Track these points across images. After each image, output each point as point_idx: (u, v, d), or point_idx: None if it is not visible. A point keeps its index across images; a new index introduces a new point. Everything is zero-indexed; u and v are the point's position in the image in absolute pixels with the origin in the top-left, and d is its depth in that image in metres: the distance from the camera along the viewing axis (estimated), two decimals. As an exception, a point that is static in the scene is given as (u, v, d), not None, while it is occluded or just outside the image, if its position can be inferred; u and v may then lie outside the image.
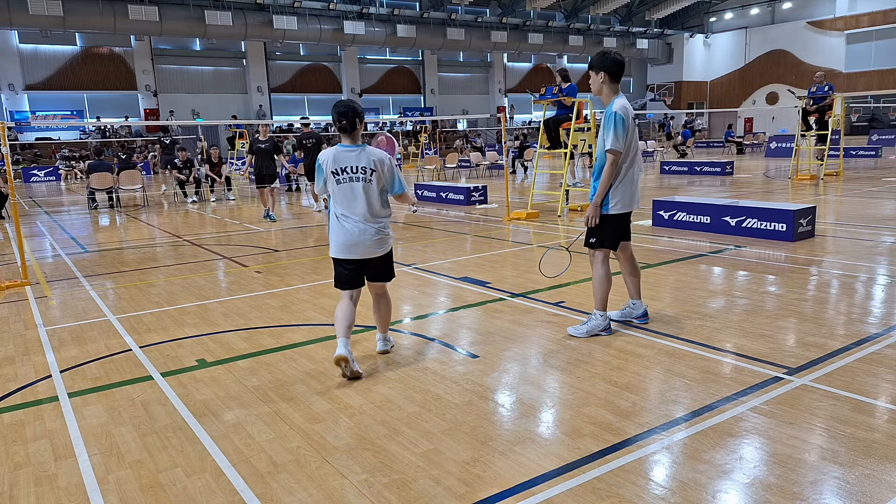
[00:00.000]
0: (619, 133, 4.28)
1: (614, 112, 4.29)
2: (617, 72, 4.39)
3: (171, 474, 2.97)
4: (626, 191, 4.45)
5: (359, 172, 4.05)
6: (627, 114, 4.33)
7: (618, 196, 4.43)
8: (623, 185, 4.43)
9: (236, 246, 9.46)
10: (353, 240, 4.08)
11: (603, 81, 4.38)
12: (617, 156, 4.32)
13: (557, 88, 11.72)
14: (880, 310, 5.08)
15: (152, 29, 30.52)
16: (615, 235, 4.55)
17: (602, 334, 4.63)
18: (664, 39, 48.13)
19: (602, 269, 4.58)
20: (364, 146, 4.16)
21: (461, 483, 2.78)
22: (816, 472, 2.75)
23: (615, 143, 4.28)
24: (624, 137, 4.30)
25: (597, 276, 4.61)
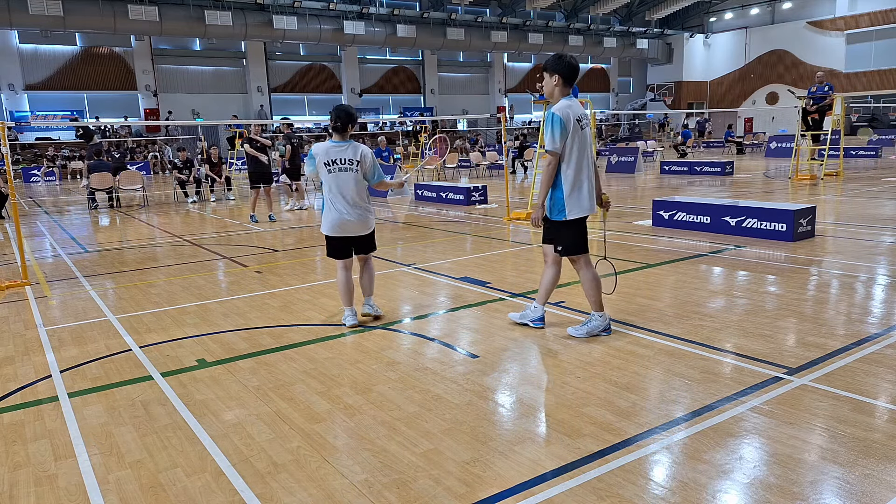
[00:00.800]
0: (555, 134, 4.27)
1: (552, 112, 4.29)
2: (570, 76, 4.40)
3: (171, 474, 2.97)
4: (581, 195, 4.40)
5: (346, 164, 4.95)
6: (567, 115, 4.29)
7: (571, 201, 4.39)
8: (576, 189, 4.38)
9: (236, 246, 9.46)
10: (343, 220, 4.98)
11: (556, 84, 4.38)
12: (553, 157, 4.31)
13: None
14: (880, 310, 5.08)
15: (152, 29, 30.52)
16: (580, 237, 4.52)
17: (602, 335, 4.63)
18: (664, 39, 48.13)
19: (588, 273, 4.59)
20: (351, 142, 5.03)
21: (461, 483, 2.78)
22: (816, 472, 2.75)
23: (551, 144, 4.30)
24: (561, 139, 4.28)
25: (585, 280, 4.61)
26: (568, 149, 4.33)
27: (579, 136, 4.34)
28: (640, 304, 5.42)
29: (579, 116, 4.36)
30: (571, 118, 4.30)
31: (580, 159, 4.36)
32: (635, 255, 7.49)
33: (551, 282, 4.77)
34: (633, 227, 9.70)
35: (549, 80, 4.41)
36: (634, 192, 14.87)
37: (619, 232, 9.27)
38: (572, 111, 4.32)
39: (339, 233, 5.02)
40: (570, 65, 4.39)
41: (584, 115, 4.42)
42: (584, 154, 4.38)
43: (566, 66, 4.37)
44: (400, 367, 4.20)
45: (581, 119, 4.38)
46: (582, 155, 4.37)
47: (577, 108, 4.37)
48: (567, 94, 4.43)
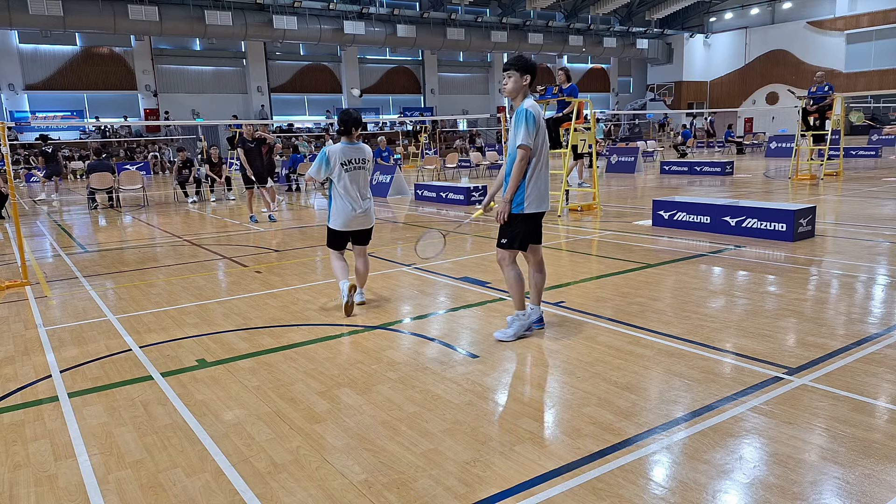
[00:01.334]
0: (529, 129, 4.34)
1: (525, 109, 4.36)
2: (535, 76, 4.54)
3: (171, 474, 2.97)
4: (538, 190, 4.45)
5: (360, 163, 5.55)
6: (538, 112, 4.40)
7: (531, 195, 4.43)
8: (535, 184, 4.44)
9: (236, 246, 9.46)
10: (355, 215, 5.54)
11: (526, 83, 4.45)
12: (527, 151, 4.36)
13: (557, 88, 11.73)
14: (880, 310, 5.08)
15: (152, 29, 30.51)
16: (526, 236, 4.54)
17: (535, 327, 4.72)
18: (664, 39, 48.12)
19: (513, 271, 4.60)
20: (360, 143, 5.60)
21: (461, 483, 2.78)
22: (816, 472, 2.75)
23: (526, 139, 4.33)
24: (534, 134, 4.36)
25: (508, 278, 4.63)
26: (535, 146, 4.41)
27: (542, 134, 4.44)
28: (640, 304, 5.42)
29: (542, 115, 4.50)
30: (540, 116, 4.42)
31: (540, 158, 4.44)
32: (635, 255, 7.49)
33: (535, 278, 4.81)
34: (633, 227, 9.70)
35: (520, 79, 4.45)
36: (634, 192, 14.87)
37: (619, 232, 9.27)
38: (537, 109, 4.44)
39: (350, 227, 5.58)
40: (536, 66, 4.56)
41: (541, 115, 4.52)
42: (543, 153, 4.48)
43: (534, 68, 4.50)
44: (400, 367, 4.20)
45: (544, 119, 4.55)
46: (542, 154, 4.46)
47: (538, 107, 4.51)
48: (527, 94, 4.53)
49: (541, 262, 4.81)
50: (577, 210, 11.74)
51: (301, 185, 19.35)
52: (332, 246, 5.72)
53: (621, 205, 12.51)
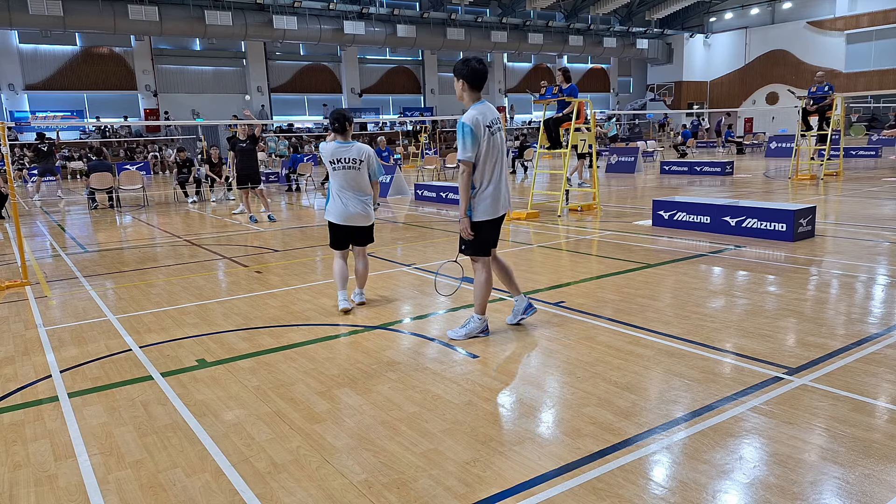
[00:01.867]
0: (466, 143, 4.30)
1: (462, 123, 4.32)
2: (476, 80, 4.38)
3: (171, 474, 2.97)
4: (487, 199, 4.44)
5: (350, 163, 5.47)
6: (477, 122, 4.31)
7: (481, 203, 4.44)
8: (485, 192, 4.43)
9: (236, 246, 9.46)
10: (346, 212, 5.53)
11: (463, 89, 4.42)
12: (466, 165, 4.35)
13: (557, 88, 11.73)
14: (880, 310, 5.08)
15: (152, 29, 30.49)
16: (484, 242, 4.57)
17: (480, 336, 4.72)
18: (664, 39, 48.10)
19: (483, 275, 4.64)
20: (354, 143, 5.55)
21: (461, 483, 2.78)
22: (816, 472, 2.75)
23: (463, 154, 4.34)
24: (473, 147, 4.32)
25: (478, 281, 4.67)
26: (480, 156, 4.38)
27: (489, 142, 4.37)
28: (640, 304, 5.42)
29: (489, 122, 4.38)
30: (481, 125, 4.33)
31: (486, 164, 4.40)
32: (635, 255, 7.49)
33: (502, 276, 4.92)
34: (633, 227, 9.70)
35: (457, 84, 4.44)
36: (634, 192, 14.87)
37: (619, 232, 9.27)
38: (482, 118, 4.35)
39: (343, 221, 5.56)
40: (474, 69, 4.36)
41: (494, 121, 4.43)
42: (491, 159, 4.42)
43: (470, 71, 4.35)
44: (400, 367, 4.20)
45: (492, 125, 4.40)
46: (489, 160, 4.41)
47: (488, 114, 4.41)
48: (478, 99, 4.47)
49: (497, 261, 4.86)
50: (577, 210, 11.74)
51: (301, 185, 19.35)
52: (333, 246, 5.74)
53: (621, 205, 12.51)
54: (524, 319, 5.01)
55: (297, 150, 23.27)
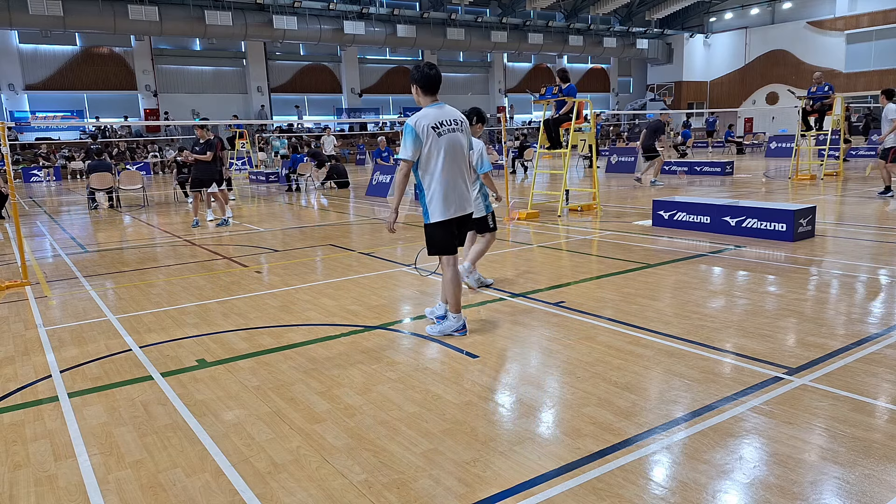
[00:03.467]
0: (407, 143, 4.43)
1: (406, 124, 4.46)
2: (427, 84, 4.50)
3: (171, 474, 2.97)
4: (439, 200, 4.52)
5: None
6: (420, 125, 4.41)
7: (432, 204, 4.54)
8: (431, 192, 4.52)
9: (236, 246, 9.46)
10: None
11: (417, 93, 4.57)
12: (405, 164, 4.46)
13: (557, 88, 11.73)
14: (880, 310, 5.08)
15: (152, 29, 30.49)
16: (444, 241, 4.63)
17: (455, 335, 4.76)
18: (664, 39, 48.09)
19: (448, 272, 4.71)
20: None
21: (461, 483, 2.78)
22: (816, 472, 2.75)
23: (402, 153, 4.47)
24: (413, 147, 4.42)
25: (444, 279, 4.76)
26: (424, 157, 4.48)
27: (436, 143, 4.45)
28: (640, 304, 5.42)
29: (436, 123, 4.46)
30: (425, 126, 4.42)
31: (430, 165, 4.49)
32: (635, 255, 7.49)
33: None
34: (633, 227, 9.70)
35: (413, 89, 4.59)
36: (634, 192, 14.87)
37: (619, 232, 9.27)
38: (427, 119, 4.44)
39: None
40: (425, 74, 4.49)
41: (445, 122, 4.50)
42: (435, 160, 4.48)
43: (422, 76, 4.49)
44: (400, 367, 4.20)
45: (439, 126, 4.47)
46: (432, 160, 4.48)
47: (438, 116, 4.49)
48: (434, 101, 4.57)
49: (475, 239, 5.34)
50: (578, 210, 11.74)
51: (301, 185, 19.35)
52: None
53: (621, 205, 12.51)
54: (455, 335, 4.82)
55: (296, 150, 23.27)
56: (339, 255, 8.33)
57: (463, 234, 4.89)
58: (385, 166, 16.97)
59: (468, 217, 4.79)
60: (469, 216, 4.80)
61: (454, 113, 4.63)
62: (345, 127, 39.43)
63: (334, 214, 13.06)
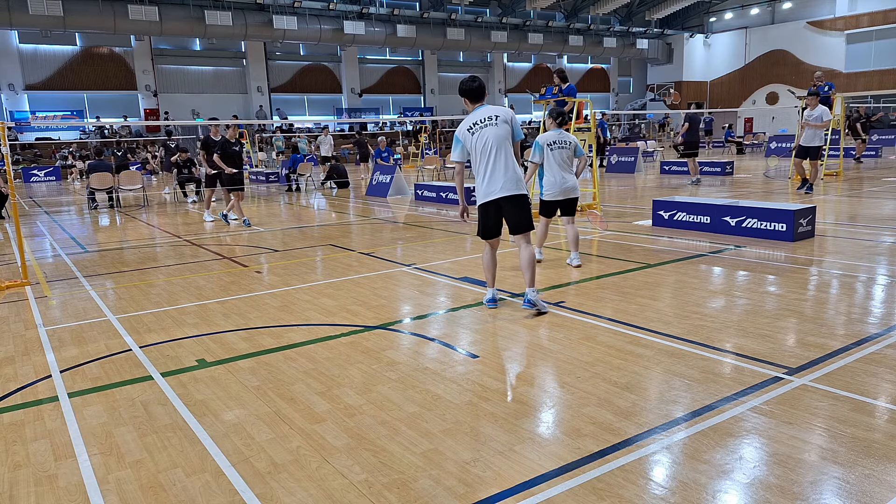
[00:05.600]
0: (455, 148, 5.31)
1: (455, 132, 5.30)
2: (469, 95, 5.26)
3: (171, 474, 2.97)
4: (480, 186, 5.23)
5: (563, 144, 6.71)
6: (460, 130, 5.23)
7: (479, 191, 5.25)
8: (478, 181, 5.24)
9: (236, 246, 9.46)
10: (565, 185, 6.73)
11: (465, 103, 5.32)
12: (457, 164, 5.34)
13: (557, 88, 11.72)
14: (880, 310, 5.08)
15: (152, 29, 30.49)
16: (483, 223, 5.32)
17: (488, 305, 5.49)
18: (664, 39, 48.10)
19: (484, 255, 5.53)
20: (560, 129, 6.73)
21: (461, 483, 2.78)
22: (816, 472, 2.75)
23: (452, 156, 5.35)
24: (459, 150, 5.27)
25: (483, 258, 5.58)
26: (469, 153, 5.24)
27: (472, 141, 5.17)
28: (640, 304, 5.42)
29: (470, 125, 5.18)
30: (463, 131, 5.21)
31: (476, 159, 5.20)
32: (635, 255, 7.49)
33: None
34: (633, 227, 9.70)
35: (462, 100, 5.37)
36: (634, 192, 14.87)
37: (619, 232, 9.27)
38: (465, 125, 5.22)
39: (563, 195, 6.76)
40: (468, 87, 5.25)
41: (477, 122, 5.16)
42: (475, 155, 5.19)
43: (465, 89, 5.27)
44: (400, 367, 4.20)
45: (472, 126, 5.17)
46: (476, 155, 5.19)
47: (472, 118, 5.20)
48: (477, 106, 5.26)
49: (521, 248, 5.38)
50: (578, 210, 11.71)
51: (301, 185, 19.35)
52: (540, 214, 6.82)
53: (621, 205, 12.50)
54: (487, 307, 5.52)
55: (296, 150, 23.27)
56: (339, 255, 8.33)
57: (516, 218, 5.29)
58: (385, 166, 16.97)
59: (510, 200, 5.19)
60: (511, 199, 5.19)
61: (491, 110, 5.21)
62: (345, 127, 39.44)
63: (334, 214, 13.07)
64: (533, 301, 5.21)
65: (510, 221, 5.27)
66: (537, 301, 5.24)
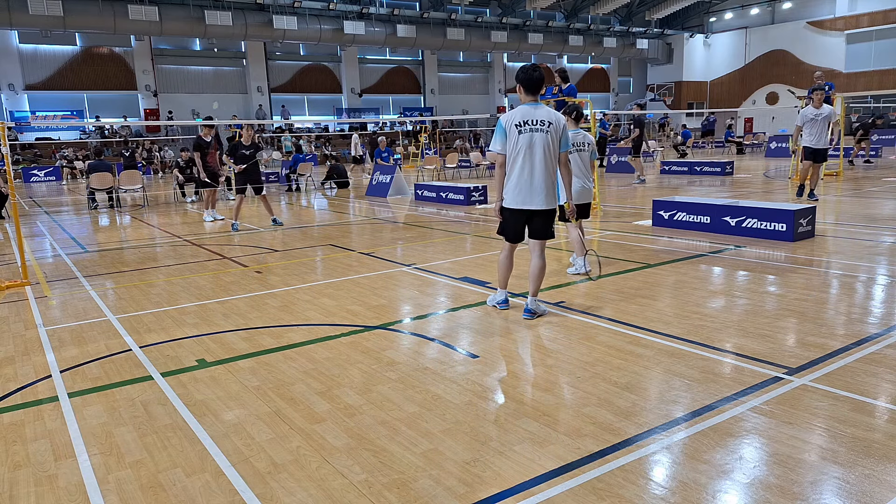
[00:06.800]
0: (496, 137, 4.96)
1: (498, 119, 4.98)
2: (528, 84, 4.92)
3: (171, 474, 2.97)
4: (512, 189, 4.98)
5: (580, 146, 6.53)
6: (507, 120, 4.92)
7: (506, 193, 5.02)
8: (509, 183, 4.99)
9: (236, 246, 9.46)
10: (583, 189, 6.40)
11: (519, 91, 5.02)
12: (498, 156, 4.97)
13: (557, 88, 11.73)
14: (880, 310, 5.08)
15: (152, 29, 30.48)
16: (509, 226, 5.11)
17: (499, 306, 5.42)
18: (664, 39, 48.09)
19: (501, 254, 5.32)
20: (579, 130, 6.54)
21: (461, 483, 2.78)
22: (816, 472, 2.75)
23: (493, 145, 5.01)
24: (499, 141, 4.94)
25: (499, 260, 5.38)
26: (509, 150, 4.94)
27: (516, 140, 4.89)
28: (640, 304, 5.42)
29: (520, 122, 4.88)
30: (510, 123, 4.90)
31: (515, 159, 4.92)
32: (635, 255, 7.49)
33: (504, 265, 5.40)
34: (633, 227, 9.70)
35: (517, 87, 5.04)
36: (634, 192, 14.87)
37: (619, 232, 9.27)
38: (513, 117, 4.92)
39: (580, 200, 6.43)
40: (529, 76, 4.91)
41: (530, 122, 4.86)
42: (513, 154, 4.92)
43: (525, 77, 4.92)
44: (400, 367, 4.20)
45: (522, 124, 4.88)
46: (511, 155, 4.93)
47: (524, 114, 4.90)
48: (531, 101, 4.94)
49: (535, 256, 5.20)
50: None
51: (301, 185, 19.35)
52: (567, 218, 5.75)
53: (621, 205, 12.50)
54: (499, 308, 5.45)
55: (299, 150, 23.27)
56: (339, 255, 8.33)
57: (540, 227, 5.09)
58: (385, 166, 16.97)
59: (542, 213, 5.02)
60: (539, 212, 5.01)
61: (546, 114, 4.90)
62: (345, 127, 39.44)
63: (334, 214, 13.06)
64: (533, 310, 5.16)
65: (532, 228, 5.10)
66: (537, 309, 5.19)
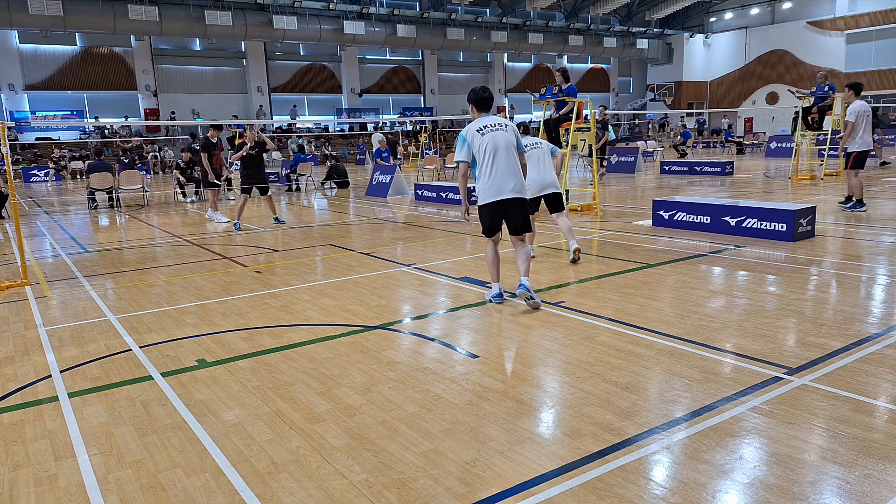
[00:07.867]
0: (461, 148, 5.41)
1: (460, 134, 5.43)
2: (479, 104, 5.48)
3: (171, 474, 2.97)
4: (485, 187, 5.37)
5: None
6: (468, 130, 5.38)
7: (480, 192, 5.41)
8: (482, 183, 5.38)
9: (236, 246, 9.46)
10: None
11: (472, 111, 5.56)
12: (462, 165, 5.43)
13: (557, 88, 11.73)
14: (880, 310, 5.08)
15: (152, 29, 30.47)
16: (487, 222, 5.46)
17: (494, 301, 5.64)
18: (664, 39, 48.08)
19: (487, 250, 5.64)
20: None
21: (461, 483, 2.78)
22: (816, 472, 2.75)
23: (458, 155, 5.46)
24: (463, 150, 5.38)
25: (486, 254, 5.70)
26: (475, 154, 5.37)
27: (481, 141, 5.32)
28: (640, 304, 5.42)
29: (480, 127, 5.37)
30: (472, 130, 5.37)
31: (482, 159, 5.34)
32: (635, 255, 7.49)
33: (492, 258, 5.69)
34: (633, 227, 9.70)
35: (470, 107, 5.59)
36: (634, 192, 14.87)
37: (619, 232, 9.27)
38: (474, 126, 5.40)
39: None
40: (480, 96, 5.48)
41: (489, 125, 5.37)
42: (481, 155, 5.34)
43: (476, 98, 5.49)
44: (400, 367, 4.20)
45: (483, 128, 5.36)
46: (484, 153, 5.32)
47: (480, 122, 5.41)
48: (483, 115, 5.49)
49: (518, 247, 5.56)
50: (577, 210, 11.73)
51: (301, 185, 19.35)
52: None
53: (621, 205, 12.50)
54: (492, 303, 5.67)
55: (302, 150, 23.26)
56: (339, 255, 8.34)
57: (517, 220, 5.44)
58: (385, 166, 16.97)
59: (517, 203, 5.38)
60: (517, 201, 5.38)
61: (498, 119, 5.47)
62: (345, 127, 39.43)
63: (334, 214, 13.06)
64: (527, 286, 5.40)
65: (511, 222, 5.46)
66: (530, 287, 5.43)
